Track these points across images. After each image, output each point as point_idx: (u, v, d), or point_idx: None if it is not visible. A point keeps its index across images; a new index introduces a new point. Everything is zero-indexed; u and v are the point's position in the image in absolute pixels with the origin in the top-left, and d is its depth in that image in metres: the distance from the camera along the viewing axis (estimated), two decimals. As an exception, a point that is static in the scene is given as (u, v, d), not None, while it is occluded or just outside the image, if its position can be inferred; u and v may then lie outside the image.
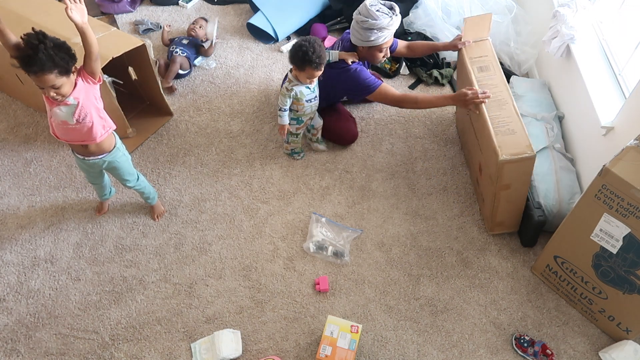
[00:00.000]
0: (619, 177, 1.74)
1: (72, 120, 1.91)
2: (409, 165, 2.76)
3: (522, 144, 2.15)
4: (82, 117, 1.91)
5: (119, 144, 2.14)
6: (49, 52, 1.66)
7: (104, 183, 2.36)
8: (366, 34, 2.37)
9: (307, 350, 2.11)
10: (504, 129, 2.21)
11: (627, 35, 2.43)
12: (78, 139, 2.00)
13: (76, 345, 2.10)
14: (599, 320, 2.18)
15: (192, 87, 3.11)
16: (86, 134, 1.98)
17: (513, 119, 2.24)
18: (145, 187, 2.38)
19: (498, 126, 2.22)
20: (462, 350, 2.13)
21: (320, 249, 2.37)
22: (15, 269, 2.31)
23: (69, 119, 1.90)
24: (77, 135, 1.98)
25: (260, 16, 3.36)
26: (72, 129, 1.94)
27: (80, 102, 1.88)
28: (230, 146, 2.81)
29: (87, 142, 2.02)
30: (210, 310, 2.20)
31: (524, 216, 2.37)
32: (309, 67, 2.27)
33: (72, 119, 1.91)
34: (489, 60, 2.50)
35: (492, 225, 2.44)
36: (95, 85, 1.93)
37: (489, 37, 2.62)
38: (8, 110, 2.93)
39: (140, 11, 3.60)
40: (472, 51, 2.56)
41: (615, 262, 1.95)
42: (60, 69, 1.72)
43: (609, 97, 2.37)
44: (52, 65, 1.69)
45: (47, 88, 1.76)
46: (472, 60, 2.52)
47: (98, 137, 2.00)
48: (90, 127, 1.96)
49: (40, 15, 2.51)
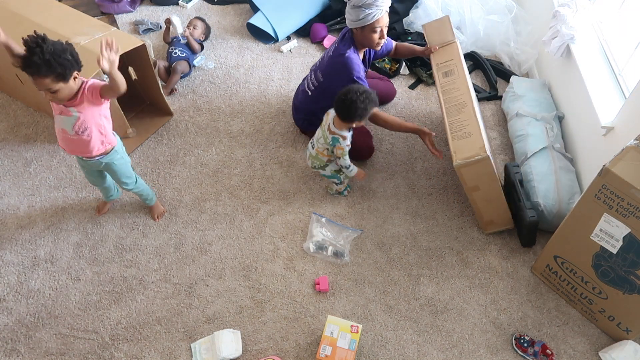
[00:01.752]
0: (619, 177, 1.74)
1: (71, 132, 1.92)
2: (409, 165, 2.76)
3: (476, 146, 2.15)
4: (81, 130, 1.92)
5: (118, 147, 2.14)
6: (44, 57, 1.65)
7: (107, 184, 2.36)
8: (356, 13, 2.35)
9: (307, 350, 2.11)
10: (461, 133, 2.23)
11: (627, 35, 2.43)
12: (74, 149, 2.03)
13: (76, 345, 2.10)
14: (599, 320, 2.18)
15: (192, 87, 3.11)
16: (82, 147, 2.00)
17: (471, 121, 2.25)
18: (144, 189, 2.37)
19: (455, 130, 2.25)
20: (462, 350, 2.13)
21: (320, 249, 2.38)
22: (15, 269, 2.31)
23: (69, 129, 1.92)
24: (73, 146, 2.01)
25: (260, 16, 3.36)
26: (69, 138, 1.96)
27: (82, 117, 1.89)
28: (230, 146, 2.81)
29: (81, 154, 2.04)
30: (210, 310, 2.20)
31: (517, 217, 2.38)
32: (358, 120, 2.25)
33: (71, 130, 1.92)
34: (454, 64, 2.52)
35: (484, 224, 2.45)
36: (101, 106, 1.93)
37: (455, 39, 2.64)
38: (8, 110, 2.93)
39: (140, 11, 3.60)
40: (439, 57, 2.60)
41: (615, 262, 1.95)
42: (56, 74, 1.71)
43: (609, 97, 2.37)
44: (47, 69, 1.68)
45: (44, 91, 1.76)
46: (438, 66, 2.56)
47: (94, 152, 2.03)
48: (88, 142, 1.97)
49: (40, 15, 2.51)
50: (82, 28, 2.46)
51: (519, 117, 2.75)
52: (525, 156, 2.57)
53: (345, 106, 2.20)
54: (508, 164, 2.44)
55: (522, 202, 2.29)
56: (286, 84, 3.15)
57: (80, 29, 2.45)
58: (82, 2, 3.44)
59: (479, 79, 3.23)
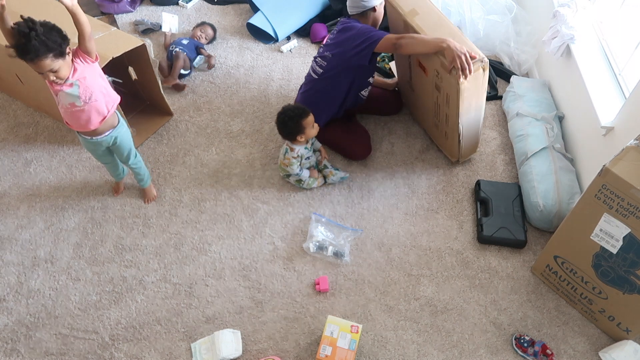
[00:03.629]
0: (619, 177, 1.74)
1: (80, 102, 1.95)
2: (409, 165, 2.76)
3: None
4: (87, 96, 1.96)
5: (122, 119, 2.21)
6: (40, 38, 1.70)
7: (116, 161, 2.40)
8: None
9: (307, 350, 2.11)
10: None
11: (627, 35, 2.43)
12: (86, 122, 2.03)
13: (76, 345, 2.10)
14: (599, 320, 2.18)
15: (192, 87, 3.11)
16: (94, 115, 2.02)
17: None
18: (142, 166, 2.43)
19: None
20: (462, 350, 2.13)
21: (320, 249, 2.37)
22: (15, 269, 2.31)
23: (76, 100, 1.95)
24: (85, 118, 2.02)
25: (260, 16, 3.36)
26: (80, 110, 1.98)
27: (84, 82, 1.92)
28: (230, 146, 2.81)
29: (94, 126, 2.05)
30: (210, 310, 2.20)
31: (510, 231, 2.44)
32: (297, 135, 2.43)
33: (79, 101, 1.95)
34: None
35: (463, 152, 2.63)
36: (94, 64, 1.97)
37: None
38: (8, 110, 2.93)
39: (140, 11, 3.60)
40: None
41: (615, 262, 1.95)
42: (54, 52, 1.76)
43: (609, 97, 2.37)
44: (46, 49, 1.73)
45: (46, 73, 1.80)
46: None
47: (108, 114, 2.06)
48: (98, 108, 2.01)
49: (40, 15, 2.49)
50: (82, 28, 2.46)
51: (519, 117, 2.75)
52: (525, 156, 2.57)
53: (278, 127, 2.47)
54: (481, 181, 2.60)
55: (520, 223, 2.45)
56: (286, 84, 3.15)
57: (80, 29, 2.45)
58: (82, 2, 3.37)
59: (479, 79, 3.23)
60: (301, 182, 2.59)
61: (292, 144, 2.49)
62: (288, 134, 2.46)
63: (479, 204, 2.55)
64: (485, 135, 2.90)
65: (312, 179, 2.60)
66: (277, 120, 2.45)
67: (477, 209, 2.54)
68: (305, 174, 2.56)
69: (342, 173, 2.66)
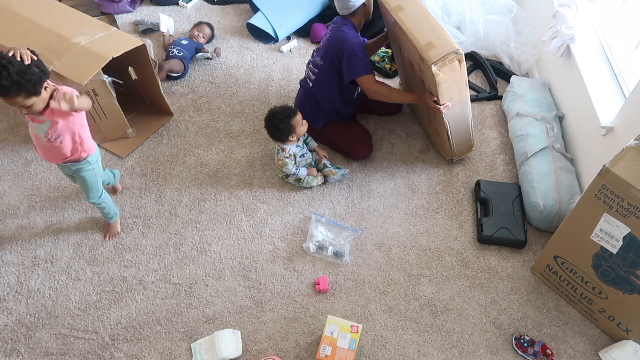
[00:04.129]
0: (619, 177, 1.74)
1: (44, 139, 1.93)
2: (409, 165, 2.76)
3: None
4: (54, 137, 1.92)
5: (93, 158, 2.11)
6: (12, 78, 1.66)
7: None
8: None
9: (307, 350, 2.11)
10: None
11: (627, 35, 2.43)
12: (46, 155, 2.03)
13: (76, 345, 2.10)
14: (599, 320, 2.18)
15: (192, 87, 3.11)
16: (54, 153, 1.99)
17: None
18: (107, 206, 2.32)
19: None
20: (462, 350, 2.13)
21: (320, 249, 2.37)
22: (15, 269, 2.31)
23: (42, 135, 1.92)
24: (46, 152, 2.00)
25: (260, 16, 3.36)
26: (42, 144, 1.97)
27: (54, 125, 1.88)
28: (230, 146, 2.81)
29: (54, 160, 2.03)
30: (210, 310, 2.20)
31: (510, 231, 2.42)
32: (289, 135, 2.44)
33: (44, 137, 1.92)
34: None
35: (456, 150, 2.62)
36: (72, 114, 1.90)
37: None
38: (8, 110, 2.93)
39: (140, 11, 3.60)
40: None
41: (615, 262, 1.95)
42: (26, 92, 1.72)
43: (609, 97, 2.37)
44: (17, 89, 1.70)
45: (18, 107, 1.78)
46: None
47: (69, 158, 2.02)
48: (60, 149, 1.97)
49: (40, 15, 2.51)
50: (82, 28, 2.46)
51: (519, 117, 2.75)
52: (525, 156, 2.57)
53: (269, 131, 2.47)
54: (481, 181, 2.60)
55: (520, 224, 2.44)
56: (286, 84, 3.15)
57: (80, 29, 2.45)
58: (82, 2, 3.44)
59: (479, 79, 3.23)
60: (300, 181, 2.59)
61: (282, 145, 2.49)
62: (280, 136, 2.45)
63: (479, 204, 2.55)
64: (485, 135, 2.90)
65: (311, 177, 2.59)
66: (267, 124, 2.45)
67: (477, 209, 2.54)
68: (302, 172, 2.56)
69: (342, 170, 2.66)
